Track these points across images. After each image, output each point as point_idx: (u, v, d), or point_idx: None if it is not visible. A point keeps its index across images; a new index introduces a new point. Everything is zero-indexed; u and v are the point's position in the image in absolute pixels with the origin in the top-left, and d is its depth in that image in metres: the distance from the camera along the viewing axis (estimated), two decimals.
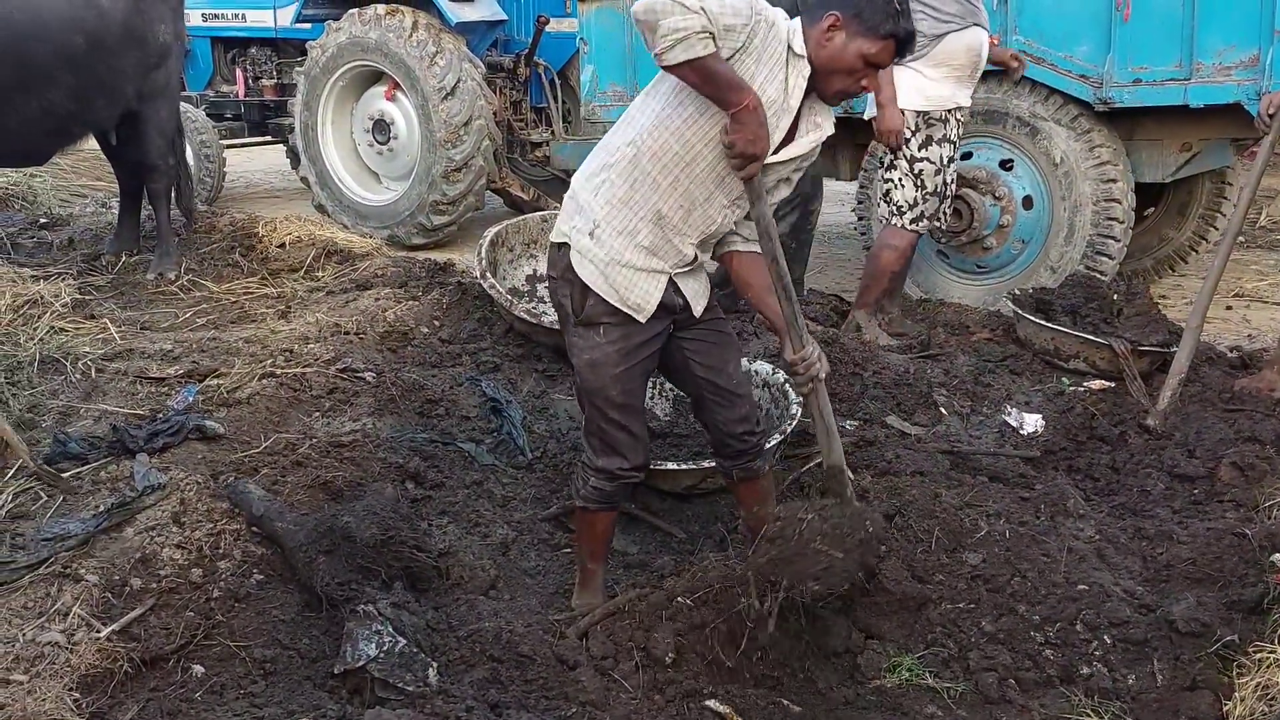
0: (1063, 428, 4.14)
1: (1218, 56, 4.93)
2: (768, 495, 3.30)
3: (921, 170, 4.87)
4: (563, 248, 2.90)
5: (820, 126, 2.85)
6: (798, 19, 2.76)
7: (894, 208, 4.98)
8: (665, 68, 2.60)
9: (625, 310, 2.86)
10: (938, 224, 5.13)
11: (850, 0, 2.64)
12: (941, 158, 4.88)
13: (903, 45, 2.70)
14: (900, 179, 4.92)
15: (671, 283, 2.90)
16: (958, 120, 4.91)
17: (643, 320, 2.88)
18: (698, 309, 3.00)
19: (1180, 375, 4.13)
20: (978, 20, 4.79)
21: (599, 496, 3.10)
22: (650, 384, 4.26)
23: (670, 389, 4.32)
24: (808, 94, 2.76)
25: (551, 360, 4.87)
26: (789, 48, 2.70)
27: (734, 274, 3.02)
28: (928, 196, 4.92)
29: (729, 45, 2.60)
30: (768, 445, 3.76)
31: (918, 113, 4.80)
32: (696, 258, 2.93)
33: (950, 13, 4.69)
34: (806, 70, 2.71)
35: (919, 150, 4.84)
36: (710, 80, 2.59)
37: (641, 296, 2.85)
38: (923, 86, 4.74)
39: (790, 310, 2.83)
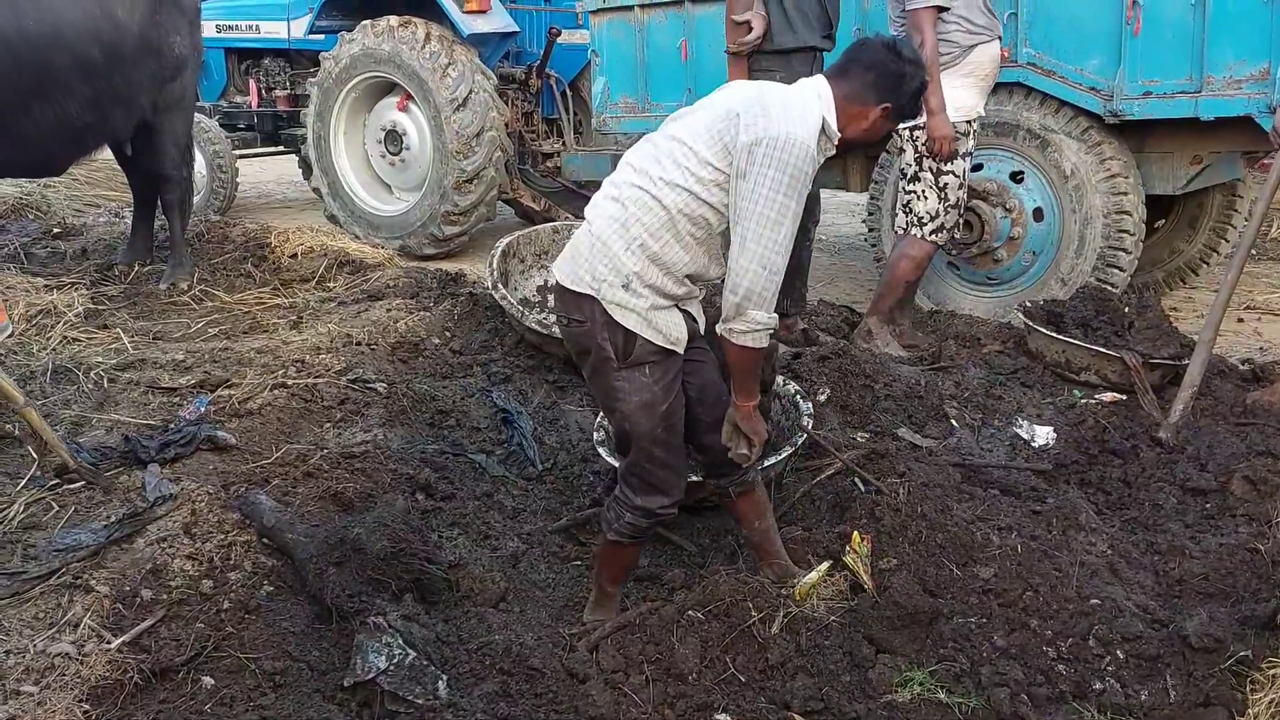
0: (1074, 441, 4.12)
1: (1228, 70, 4.91)
2: (765, 507, 3.31)
3: (946, 183, 4.90)
4: (588, 298, 2.88)
5: None
6: (827, 88, 2.87)
7: (914, 218, 4.99)
8: (728, 344, 2.82)
9: (669, 346, 2.91)
10: (953, 235, 5.14)
11: (898, 93, 2.88)
12: (964, 171, 4.93)
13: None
14: (924, 190, 4.94)
15: (684, 311, 2.99)
16: (974, 131, 4.93)
17: (681, 350, 2.95)
18: (703, 327, 3.09)
19: (1193, 389, 4.11)
20: (999, 33, 4.89)
21: (633, 532, 3.10)
22: None
23: None
24: None
25: (562, 371, 4.88)
26: (828, 139, 2.89)
27: None
28: (949, 209, 4.94)
29: None
30: (778, 457, 3.76)
31: None
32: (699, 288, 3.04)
33: (980, 25, 4.76)
34: (831, 151, 2.94)
35: (945, 163, 4.87)
36: (748, 371, 2.88)
37: (679, 331, 2.94)
38: (952, 97, 4.76)
39: None
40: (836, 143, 2.90)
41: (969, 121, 4.87)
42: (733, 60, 4.87)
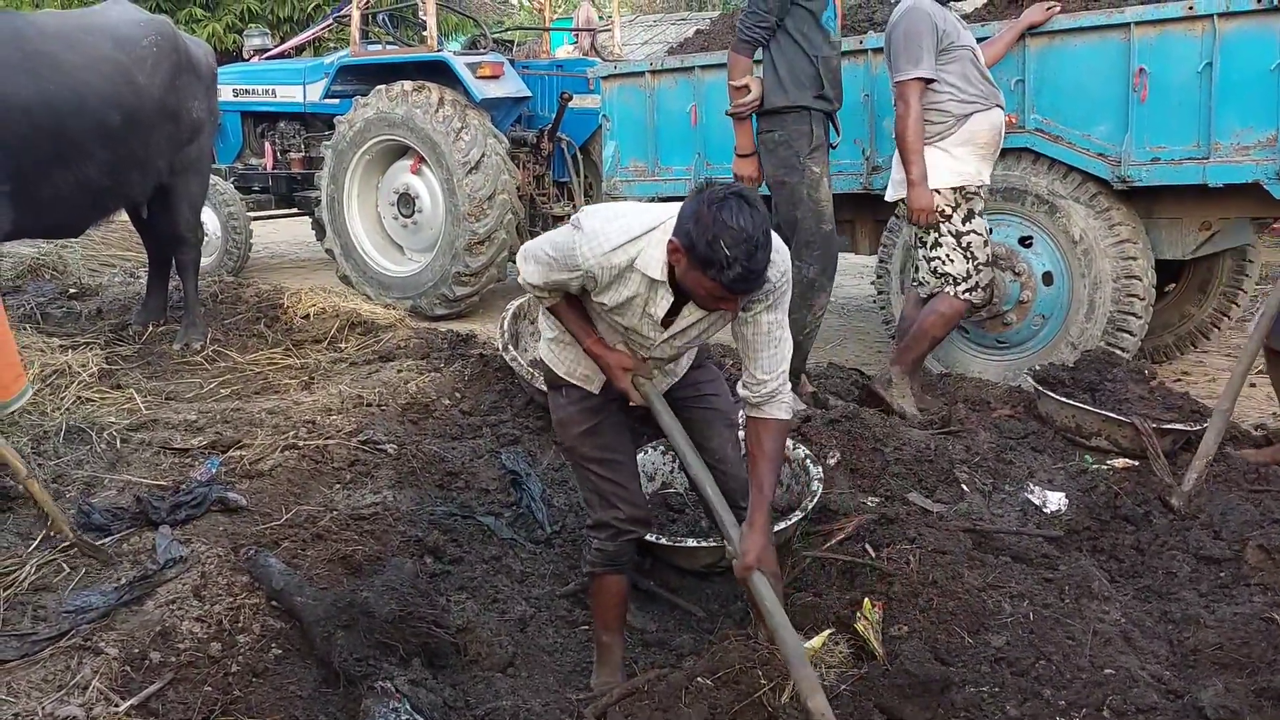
0: (1086, 507, 4.10)
1: (1235, 136, 4.95)
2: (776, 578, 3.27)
3: (970, 243, 4.95)
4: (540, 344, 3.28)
5: (695, 326, 2.96)
6: (659, 235, 2.79)
7: (948, 279, 5.03)
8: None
9: (573, 381, 3.15)
10: (990, 295, 5.17)
11: (685, 231, 2.64)
12: (985, 229, 5.00)
13: (732, 290, 2.65)
14: (948, 254, 4.99)
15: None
16: (982, 195, 4.99)
17: (595, 390, 3.14)
18: (663, 387, 3.18)
19: (1208, 457, 4.09)
20: (999, 101, 4.97)
21: (603, 558, 3.21)
22: (670, 457, 4.28)
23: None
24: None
25: None
26: (644, 277, 2.82)
27: (747, 433, 3.12)
28: (980, 267, 4.99)
29: (574, 289, 2.95)
30: (789, 522, 3.75)
31: (955, 189, 4.90)
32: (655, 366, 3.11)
33: (974, 93, 4.85)
34: (667, 292, 2.82)
35: (963, 224, 4.94)
36: (564, 323, 3.08)
37: (589, 369, 3.13)
38: (953, 165, 4.86)
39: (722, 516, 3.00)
40: (658, 279, 2.79)
41: (976, 187, 4.92)
42: (736, 122, 4.98)
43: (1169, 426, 4.39)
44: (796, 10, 4.79)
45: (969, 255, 4.96)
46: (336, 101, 9.33)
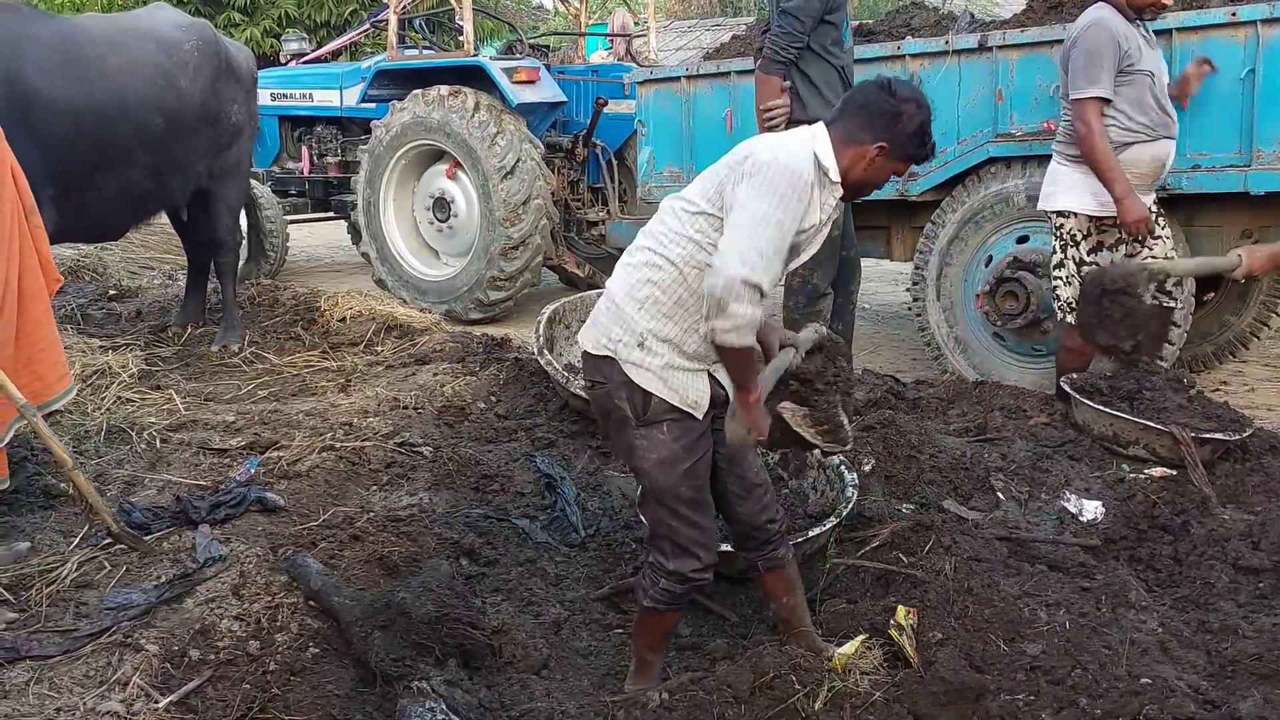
0: (1123, 516, 4.06)
1: (1278, 144, 4.91)
2: (795, 584, 3.26)
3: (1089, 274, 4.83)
4: (606, 359, 2.92)
5: (829, 224, 2.98)
6: (823, 132, 2.86)
7: (1063, 305, 4.99)
8: (717, 345, 2.73)
9: (686, 409, 2.90)
10: None
11: (893, 130, 2.85)
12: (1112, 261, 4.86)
13: (926, 160, 2.99)
14: (1067, 278, 4.92)
15: (711, 376, 2.96)
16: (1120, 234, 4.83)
17: (700, 416, 2.92)
18: (729, 386, 3.06)
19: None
20: (1169, 132, 4.74)
21: (669, 599, 3.07)
22: None
23: None
24: None
25: (606, 437, 4.90)
26: (825, 175, 2.84)
27: None
28: None
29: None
30: (823, 529, 3.75)
31: (1091, 217, 4.79)
32: None
33: (1141, 123, 4.68)
34: (839, 191, 2.90)
35: (1088, 254, 4.85)
36: (741, 365, 2.75)
37: (698, 394, 2.91)
38: (1097, 191, 4.72)
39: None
40: (839, 182, 2.86)
41: (1114, 221, 4.76)
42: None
43: (1208, 436, 4.35)
44: (821, 25, 4.80)
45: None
46: (373, 106, 9.41)
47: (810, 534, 3.76)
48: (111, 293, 7.55)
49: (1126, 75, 4.61)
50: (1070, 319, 4.95)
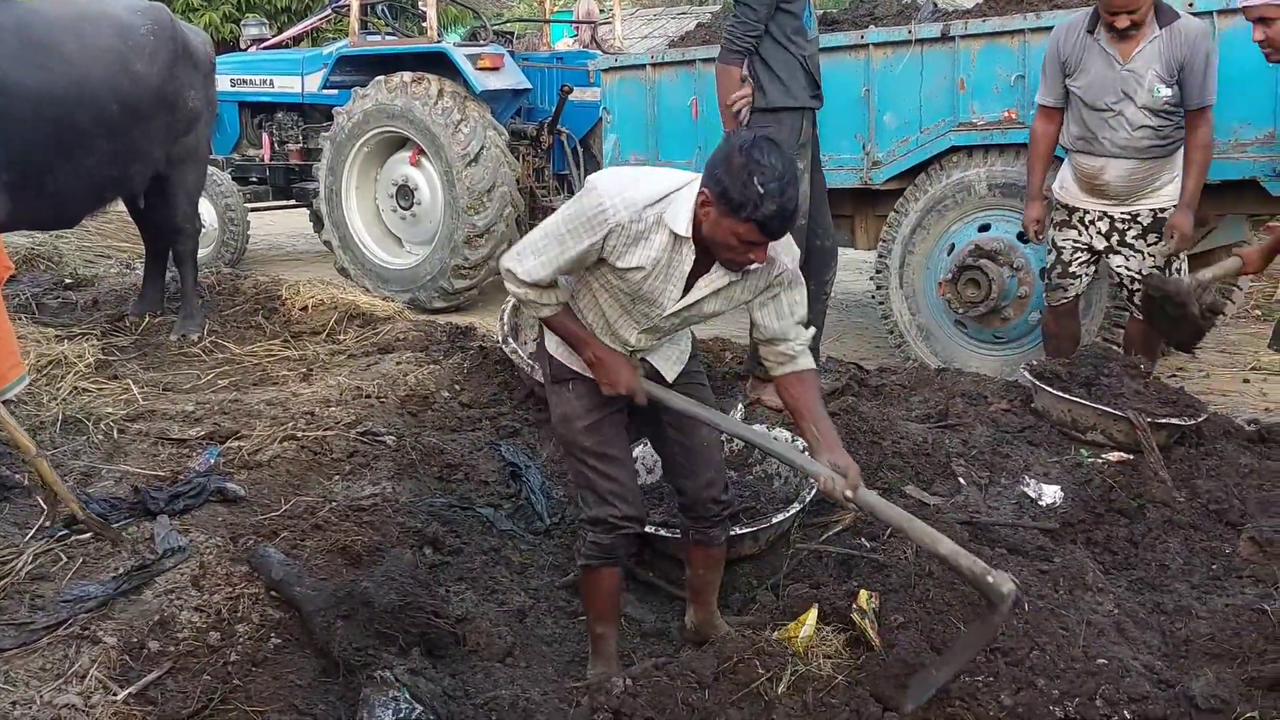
0: (1081, 500, 4.11)
1: (1233, 133, 4.97)
2: (718, 564, 3.43)
3: (1061, 247, 4.96)
4: (540, 323, 3.20)
5: (720, 280, 2.93)
6: (686, 193, 2.81)
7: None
8: None
9: (584, 373, 3.09)
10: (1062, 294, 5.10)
11: (715, 178, 2.68)
12: (1069, 241, 4.96)
13: (766, 230, 2.68)
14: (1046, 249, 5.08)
15: (631, 354, 3.08)
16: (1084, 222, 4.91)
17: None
18: (669, 374, 3.20)
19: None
20: (1100, 151, 4.70)
21: (598, 551, 3.19)
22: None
23: None
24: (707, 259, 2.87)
25: None
26: (671, 233, 2.80)
27: (780, 395, 3.18)
28: (1054, 270, 5.03)
29: (591, 259, 2.87)
30: (786, 515, 3.78)
31: (1058, 201, 4.94)
32: (651, 341, 3.10)
33: (1070, 134, 4.77)
34: (691, 251, 2.83)
35: (1055, 231, 4.98)
36: (556, 330, 3.07)
37: None
38: (1064, 178, 4.91)
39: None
40: (687, 236, 2.79)
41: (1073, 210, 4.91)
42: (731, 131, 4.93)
43: (1164, 421, 4.41)
44: (779, 14, 4.78)
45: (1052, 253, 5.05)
46: (335, 92, 9.33)
47: (774, 520, 3.79)
48: (67, 281, 7.43)
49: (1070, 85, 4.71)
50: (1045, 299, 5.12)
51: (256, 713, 2.84)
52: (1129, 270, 4.80)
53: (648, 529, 3.76)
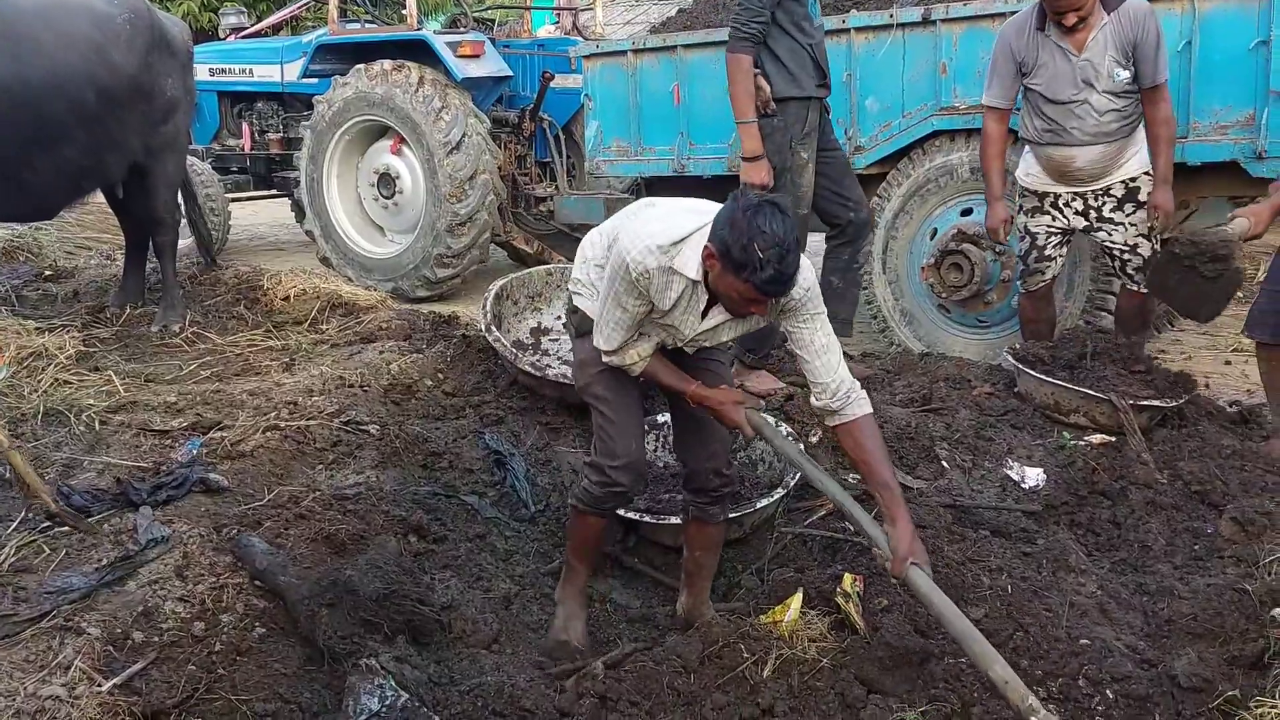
0: (1064, 482, 4.14)
1: (1214, 116, 4.99)
2: (714, 545, 3.50)
3: (1034, 234, 5.00)
4: (570, 295, 3.38)
5: (731, 320, 3.07)
6: (698, 239, 2.91)
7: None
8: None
9: None
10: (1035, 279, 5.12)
11: (720, 236, 2.79)
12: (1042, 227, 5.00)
13: (764, 292, 2.78)
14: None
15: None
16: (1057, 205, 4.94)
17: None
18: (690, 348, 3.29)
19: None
20: (1070, 141, 4.73)
21: (589, 499, 3.35)
22: (655, 435, 4.31)
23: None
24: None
25: (555, 413, 4.89)
26: (685, 278, 2.95)
27: (841, 443, 3.25)
28: (1028, 256, 5.06)
29: (644, 311, 3.05)
30: (770, 499, 3.78)
31: (1025, 188, 4.98)
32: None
33: (1035, 127, 4.79)
34: (703, 292, 2.98)
35: (1026, 215, 5.02)
36: (655, 379, 3.23)
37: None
38: (1029, 165, 4.95)
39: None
40: (699, 280, 2.93)
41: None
42: (742, 126, 4.83)
43: (1146, 403, 4.43)
44: (786, 1, 4.75)
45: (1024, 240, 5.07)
46: (315, 81, 9.26)
47: (758, 505, 3.80)
48: (47, 273, 7.38)
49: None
50: (1022, 285, 5.13)
51: (242, 702, 2.83)
52: (1115, 242, 4.82)
53: (633, 515, 3.78)
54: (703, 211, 2.98)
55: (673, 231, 2.93)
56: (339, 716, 2.77)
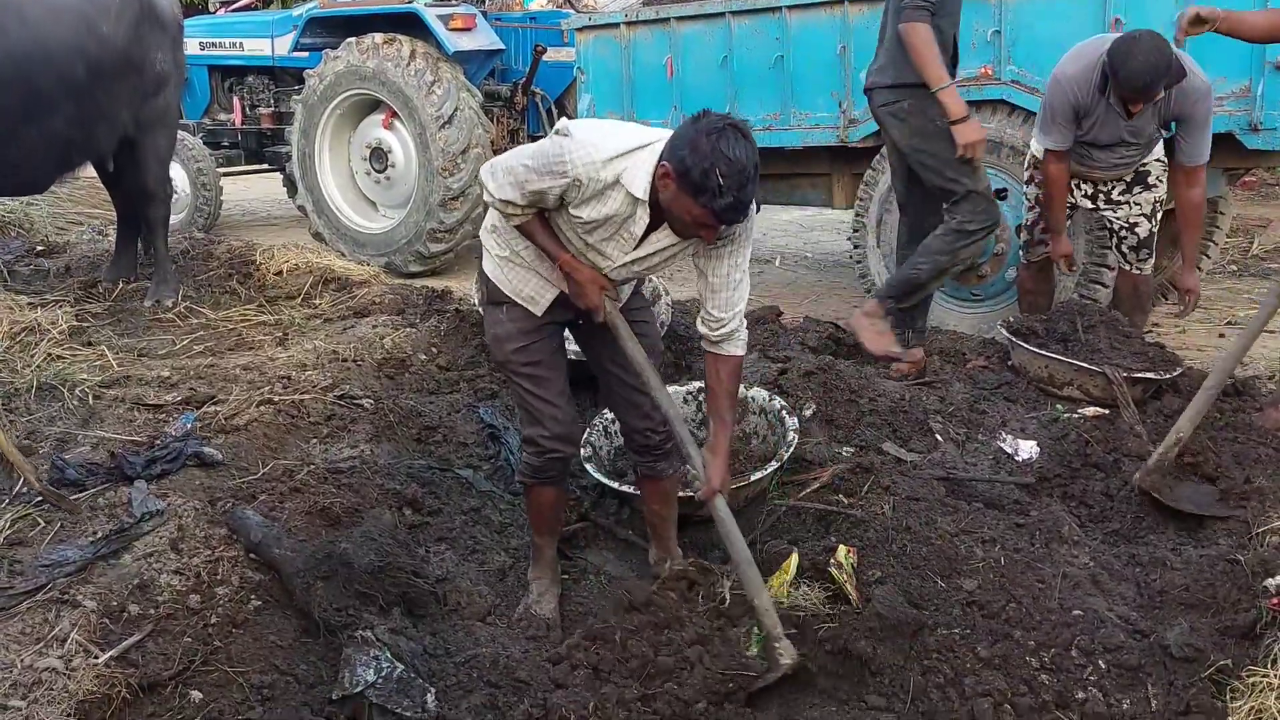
0: (1057, 455, 4.15)
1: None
2: (668, 497, 3.52)
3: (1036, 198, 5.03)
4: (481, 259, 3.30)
5: (668, 239, 2.97)
6: (647, 155, 2.82)
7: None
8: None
9: (519, 301, 3.16)
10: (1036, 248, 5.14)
11: (679, 156, 2.69)
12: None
13: (720, 219, 2.72)
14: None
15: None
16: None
17: (538, 313, 3.17)
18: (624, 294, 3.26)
19: (1179, 438, 3.87)
20: (1093, 165, 4.83)
21: (530, 471, 3.34)
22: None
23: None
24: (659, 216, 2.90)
25: None
26: (627, 195, 2.84)
27: (706, 365, 3.18)
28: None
29: (552, 202, 2.91)
30: (764, 472, 3.79)
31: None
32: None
33: None
34: (645, 212, 2.87)
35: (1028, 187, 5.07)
36: (534, 242, 3.06)
37: (534, 291, 3.16)
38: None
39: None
40: (643, 199, 2.84)
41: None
42: (943, 92, 4.57)
43: (1140, 376, 4.44)
44: None
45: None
46: (306, 55, 9.21)
47: (752, 478, 3.80)
48: (39, 248, 7.34)
49: None
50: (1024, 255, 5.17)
51: (238, 673, 2.85)
52: (1117, 218, 4.85)
53: (626, 488, 3.78)
54: (646, 131, 2.92)
55: (619, 145, 2.82)
56: (335, 688, 2.78)
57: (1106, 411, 4.38)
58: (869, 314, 4.90)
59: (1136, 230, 4.81)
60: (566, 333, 3.39)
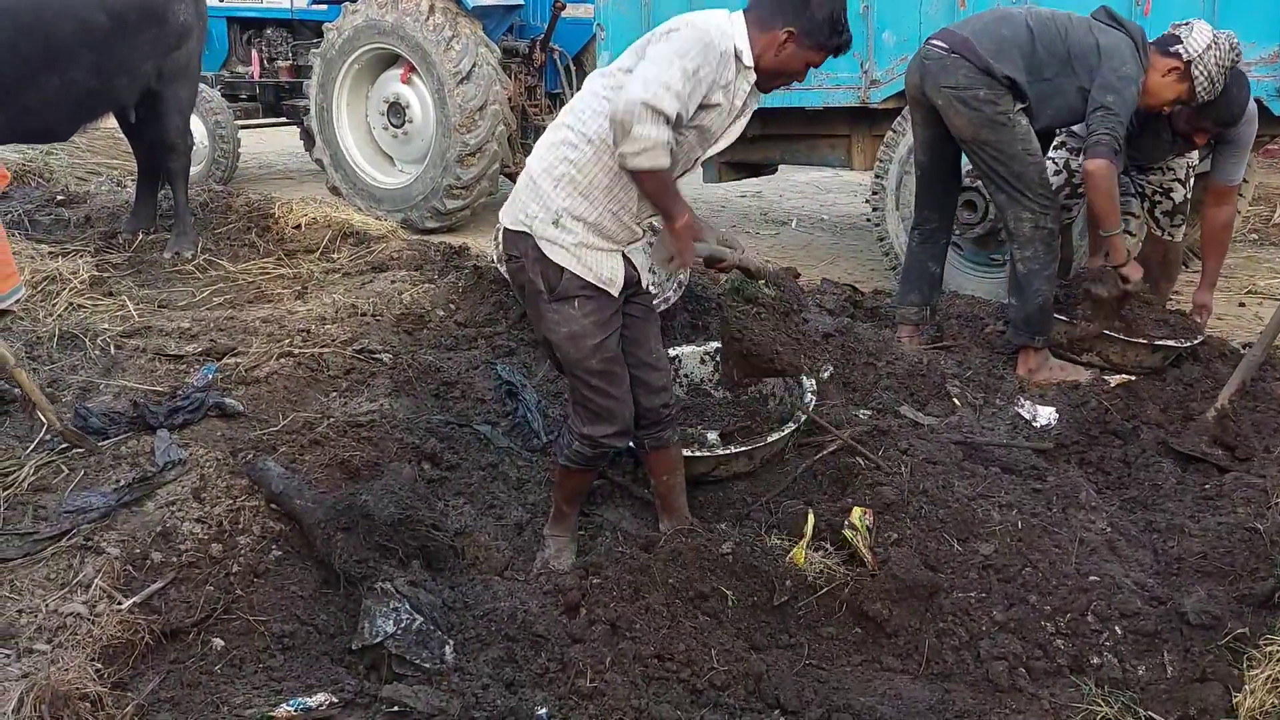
0: (1075, 421, 4.15)
1: None
2: (676, 465, 3.48)
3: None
4: (523, 235, 3.04)
5: (746, 114, 3.06)
6: (739, 17, 2.91)
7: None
8: (627, 170, 2.84)
9: (600, 285, 3.04)
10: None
11: (802, 16, 2.88)
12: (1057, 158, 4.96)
13: (838, 54, 2.99)
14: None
15: (625, 257, 3.09)
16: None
17: (614, 293, 3.07)
18: (645, 280, 3.22)
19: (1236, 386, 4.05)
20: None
21: (581, 460, 3.29)
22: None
23: (685, 375, 4.36)
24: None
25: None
26: (737, 58, 2.90)
27: None
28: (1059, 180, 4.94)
29: (700, 96, 2.84)
30: (781, 434, 3.80)
31: None
32: (643, 234, 3.13)
33: None
34: (753, 77, 2.96)
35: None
36: (658, 190, 2.90)
37: (611, 272, 3.05)
38: None
39: None
40: (753, 66, 2.93)
41: None
42: (1109, 240, 4.44)
43: (1160, 343, 4.43)
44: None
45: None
46: (324, 8, 9.17)
47: (769, 439, 3.81)
48: (60, 198, 7.34)
49: None
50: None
51: (259, 622, 2.88)
52: (1151, 182, 4.81)
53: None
54: (694, 16, 2.94)
55: (714, 20, 2.89)
56: (355, 638, 2.81)
57: (1129, 379, 4.37)
58: (1029, 368, 4.61)
59: (1172, 195, 4.77)
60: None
